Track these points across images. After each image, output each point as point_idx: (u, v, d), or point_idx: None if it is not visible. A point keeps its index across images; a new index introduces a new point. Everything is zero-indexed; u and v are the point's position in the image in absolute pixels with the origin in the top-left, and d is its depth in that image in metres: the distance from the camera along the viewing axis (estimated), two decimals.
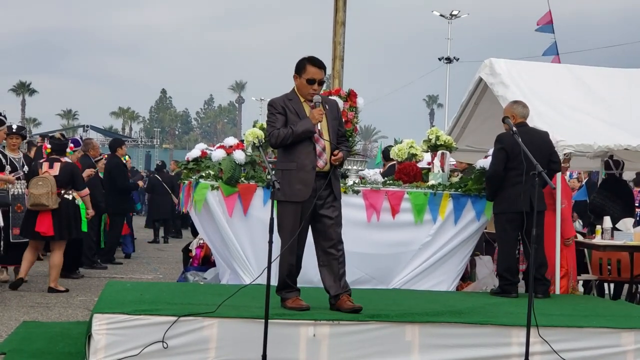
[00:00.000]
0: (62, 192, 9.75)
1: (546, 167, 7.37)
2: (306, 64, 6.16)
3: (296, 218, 6.05)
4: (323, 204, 6.10)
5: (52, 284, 9.68)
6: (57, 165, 9.86)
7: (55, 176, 9.70)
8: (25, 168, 10.29)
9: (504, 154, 7.60)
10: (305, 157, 6.05)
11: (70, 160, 10.02)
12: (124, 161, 14.44)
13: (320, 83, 6.15)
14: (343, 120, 6.44)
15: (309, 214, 6.04)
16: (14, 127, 10.46)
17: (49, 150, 10.24)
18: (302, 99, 6.16)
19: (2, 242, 9.60)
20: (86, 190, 9.80)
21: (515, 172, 7.49)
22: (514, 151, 7.44)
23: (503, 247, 7.82)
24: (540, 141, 7.67)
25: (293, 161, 6.08)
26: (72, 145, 11.07)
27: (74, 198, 10.02)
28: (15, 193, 10.08)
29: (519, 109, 7.87)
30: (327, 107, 6.18)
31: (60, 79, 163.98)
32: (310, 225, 6.16)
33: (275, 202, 5.75)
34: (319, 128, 6.06)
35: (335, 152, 6.05)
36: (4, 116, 10.36)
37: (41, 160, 10.11)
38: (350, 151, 6.43)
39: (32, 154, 12.97)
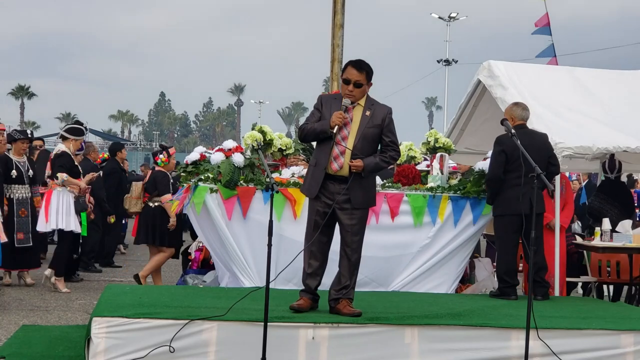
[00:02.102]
0: (148, 198, 9.88)
1: (545, 169, 7.38)
2: (347, 65, 6.20)
3: (312, 215, 6.12)
4: (341, 209, 6.11)
5: (142, 272, 9.79)
6: (149, 174, 10.22)
7: (144, 183, 10.02)
8: (30, 172, 10.39)
9: (503, 157, 7.59)
10: (322, 157, 6.11)
11: (161, 169, 9.98)
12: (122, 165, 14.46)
13: (357, 85, 6.08)
14: (393, 128, 6.25)
15: (324, 215, 6.05)
16: (29, 132, 10.97)
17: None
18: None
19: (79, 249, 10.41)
20: (166, 197, 9.74)
21: (515, 175, 7.48)
22: (513, 154, 7.44)
23: (502, 249, 7.82)
24: (540, 143, 7.67)
25: (315, 158, 6.20)
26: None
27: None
28: (20, 198, 10.13)
29: (518, 111, 7.88)
30: (367, 113, 6.13)
31: (59, 82, 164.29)
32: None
33: (274, 205, 5.76)
34: (345, 132, 6.05)
35: (353, 160, 6.00)
36: (85, 127, 10.70)
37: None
38: (388, 160, 6.22)
39: (34, 157, 12.99)
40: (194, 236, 9.99)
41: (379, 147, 6.25)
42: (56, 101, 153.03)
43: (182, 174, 8.11)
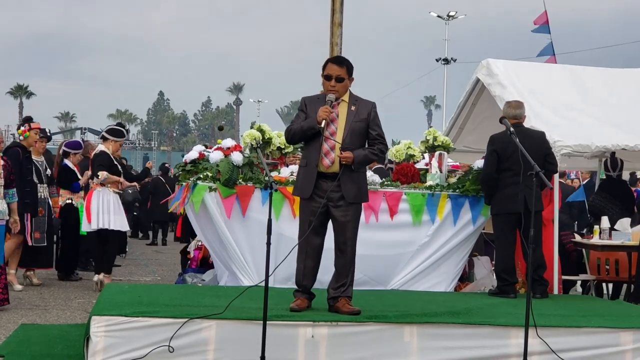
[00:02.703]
0: None
1: (542, 167, 7.38)
2: (327, 62, 6.23)
3: (306, 216, 6.10)
4: (335, 206, 6.09)
5: None
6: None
7: None
8: (48, 171, 10.44)
9: (495, 156, 7.63)
10: (312, 155, 6.09)
11: None
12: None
13: (339, 80, 6.09)
14: (378, 122, 6.27)
15: (318, 215, 6.03)
16: (47, 130, 11.17)
17: None
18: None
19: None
20: None
21: (509, 173, 7.50)
22: (506, 152, 7.45)
23: (500, 248, 7.83)
24: (535, 141, 7.64)
25: (305, 158, 6.19)
26: (71, 151, 11.21)
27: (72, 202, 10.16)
28: (39, 197, 10.16)
29: (505, 109, 7.86)
30: (352, 108, 6.14)
31: (57, 81, 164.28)
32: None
33: (273, 204, 5.75)
34: (333, 127, 6.06)
35: (342, 152, 6.00)
36: (127, 129, 10.71)
37: None
38: (377, 153, 6.23)
39: None
40: (193, 235, 9.99)
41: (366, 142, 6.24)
42: (55, 100, 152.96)
43: (180, 172, 8.11)
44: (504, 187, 7.61)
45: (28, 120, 10.16)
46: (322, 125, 5.96)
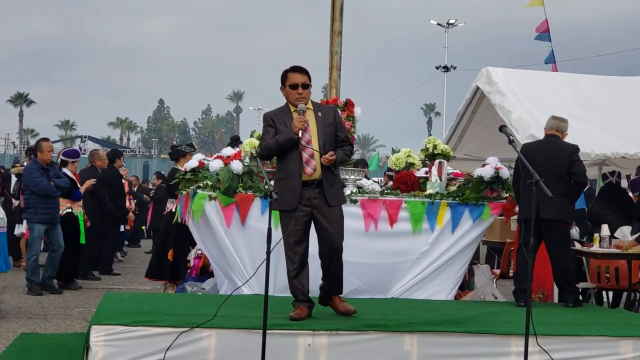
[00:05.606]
0: None
1: (566, 179, 7.41)
2: (287, 73, 6.29)
3: (292, 226, 6.12)
4: (319, 212, 6.14)
5: None
6: None
7: None
8: None
9: (518, 164, 7.64)
10: (292, 166, 6.14)
11: None
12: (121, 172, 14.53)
13: (305, 86, 6.20)
14: (343, 124, 6.45)
15: (303, 223, 6.10)
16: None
17: None
18: (292, 109, 6.23)
19: None
20: None
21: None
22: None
23: (518, 254, 7.84)
24: (561, 154, 7.58)
25: (283, 170, 6.22)
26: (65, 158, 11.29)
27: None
28: None
29: (548, 121, 7.83)
30: (319, 114, 6.24)
31: (57, 89, 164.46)
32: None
33: (273, 212, 5.76)
34: (307, 135, 6.12)
35: (325, 155, 6.06)
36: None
37: None
38: (349, 154, 6.37)
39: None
40: (192, 243, 9.99)
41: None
42: (55, 108, 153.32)
43: (180, 181, 8.11)
44: (522, 194, 7.63)
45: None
46: (300, 134, 6.03)
